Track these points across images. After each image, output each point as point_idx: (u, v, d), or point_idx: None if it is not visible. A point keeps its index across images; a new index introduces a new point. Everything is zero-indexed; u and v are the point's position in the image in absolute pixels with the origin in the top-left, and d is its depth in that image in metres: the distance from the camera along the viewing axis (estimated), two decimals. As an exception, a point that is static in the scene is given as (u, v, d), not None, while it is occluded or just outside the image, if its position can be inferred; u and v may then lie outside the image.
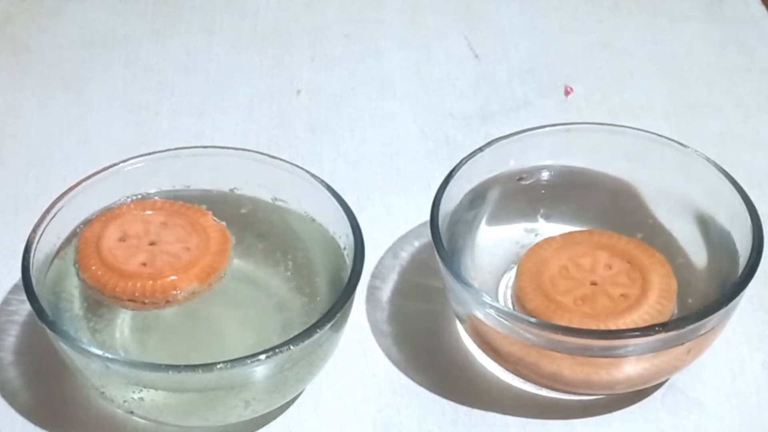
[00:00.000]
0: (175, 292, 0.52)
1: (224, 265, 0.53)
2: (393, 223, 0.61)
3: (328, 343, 0.51)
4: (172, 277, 0.52)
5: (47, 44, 0.74)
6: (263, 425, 0.53)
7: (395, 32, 0.76)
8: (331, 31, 0.76)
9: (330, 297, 0.52)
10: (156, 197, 0.56)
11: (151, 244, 0.53)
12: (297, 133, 0.67)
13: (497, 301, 0.54)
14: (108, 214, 0.54)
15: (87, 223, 0.54)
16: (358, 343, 0.56)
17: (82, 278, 0.52)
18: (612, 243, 0.55)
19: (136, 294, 0.51)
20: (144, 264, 0.52)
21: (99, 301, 0.52)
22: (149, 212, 0.54)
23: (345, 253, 0.53)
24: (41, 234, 0.52)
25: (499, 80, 0.71)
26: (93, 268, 0.52)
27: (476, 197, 0.57)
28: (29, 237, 0.52)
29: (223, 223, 0.54)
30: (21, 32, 0.75)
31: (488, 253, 0.57)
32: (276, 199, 0.56)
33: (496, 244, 0.57)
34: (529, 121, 0.56)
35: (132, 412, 0.51)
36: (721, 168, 0.55)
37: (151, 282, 0.51)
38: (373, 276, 0.59)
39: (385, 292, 0.58)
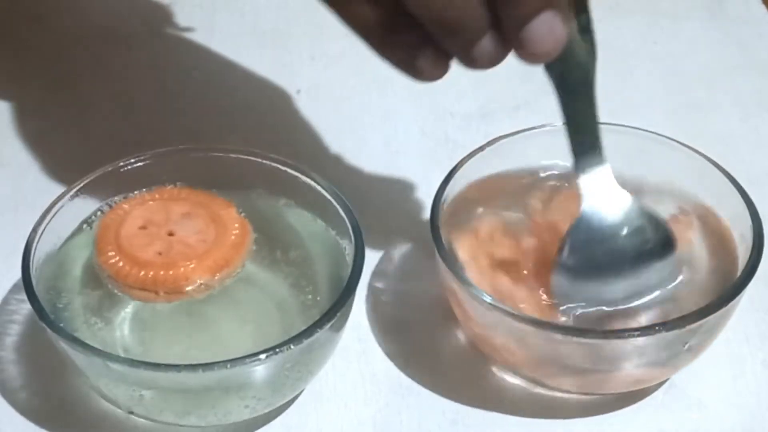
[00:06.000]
0: (185, 284, 0.52)
1: (239, 259, 0.53)
2: (393, 222, 0.61)
3: (328, 342, 0.51)
4: (183, 268, 0.52)
5: (47, 43, 0.74)
6: (263, 425, 0.53)
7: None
8: (331, 30, 0.75)
9: (330, 297, 0.52)
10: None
11: (170, 234, 0.53)
12: (297, 133, 0.67)
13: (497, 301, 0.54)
14: (131, 201, 0.54)
15: (108, 208, 0.55)
16: (358, 343, 0.56)
17: (97, 263, 0.52)
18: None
19: (148, 283, 0.51)
20: (160, 253, 0.52)
21: (99, 300, 0.53)
22: (173, 202, 0.54)
23: (345, 252, 0.53)
24: (41, 234, 0.52)
25: (499, 80, 0.71)
26: (109, 253, 0.52)
27: (476, 197, 0.57)
28: (29, 237, 0.52)
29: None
30: (21, 31, 0.75)
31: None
32: (276, 198, 0.56)
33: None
34: (529, 121, 0.56)
35: (132, 412, 0.51)
36: (721, 167, 0.55)
37: (162, 272, 0.51)
38: (373, 276, 0.59)
39: (385, 292, 0.58)
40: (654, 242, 0.52)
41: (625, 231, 0.52)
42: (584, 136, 0.52)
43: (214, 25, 0.76)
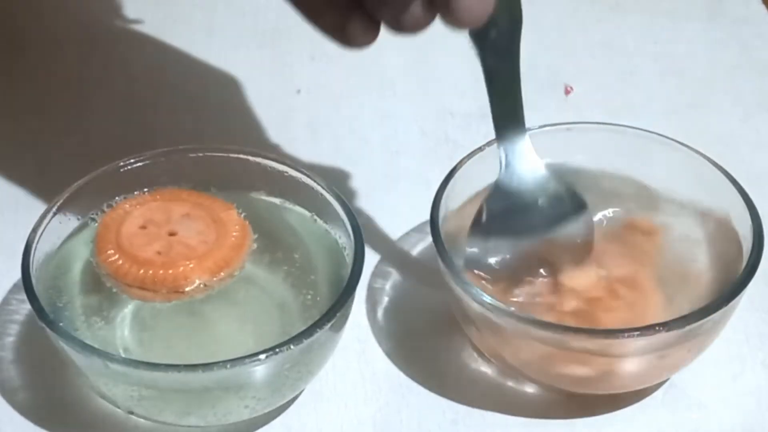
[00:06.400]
0: (185, 283, 0.51)
1: (239, 261, 0.53)
2: (393, 223, 0.61)
3: (328, 342, 0.51)
4: (183, 268, 0.52)
5: (47, 43, 0.74)
6: (263, 425, 0.53)
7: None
8: (331, 30, 0.75)
9: (330, 297, 0.52)
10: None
11: (171, 234, 0.53)
12: (297, 133, 0.67)
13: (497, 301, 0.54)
14: (132, 201, 0.54)
15: (109, 208, 0.55)
16: (358, 342, 0.56)
17: (97, 261, 0.52)
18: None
19: (147, 282, 0.51)
20: (159, 253, 0.52)
21: (99, 300, 0.53)
22: (174, 202, 0.54)
23: (345, 252, 0.53)
24: (41, 234, 0.52)
25: (499, 80, 0.71)
26: (109, 252, 0.52)
27: (477, 196, 0.57)
28: (29, 237, 0.52)
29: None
30: (20, 31, 0.75)
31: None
32: (276, 198, 0.56)
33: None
34: (529, 121, 0.56)
35: (132, 412, 0.51)
36: (722, 167, 0.55)
37: (162, 271, 0.51)
38: (373, 276, 0.59)
39: (385, 292, 0.58)
40: (567, 210, 0.54)
41: (539, 201, 0.54)
42: (505, 105, 0.53)
43: (214, 25, 0.76)
